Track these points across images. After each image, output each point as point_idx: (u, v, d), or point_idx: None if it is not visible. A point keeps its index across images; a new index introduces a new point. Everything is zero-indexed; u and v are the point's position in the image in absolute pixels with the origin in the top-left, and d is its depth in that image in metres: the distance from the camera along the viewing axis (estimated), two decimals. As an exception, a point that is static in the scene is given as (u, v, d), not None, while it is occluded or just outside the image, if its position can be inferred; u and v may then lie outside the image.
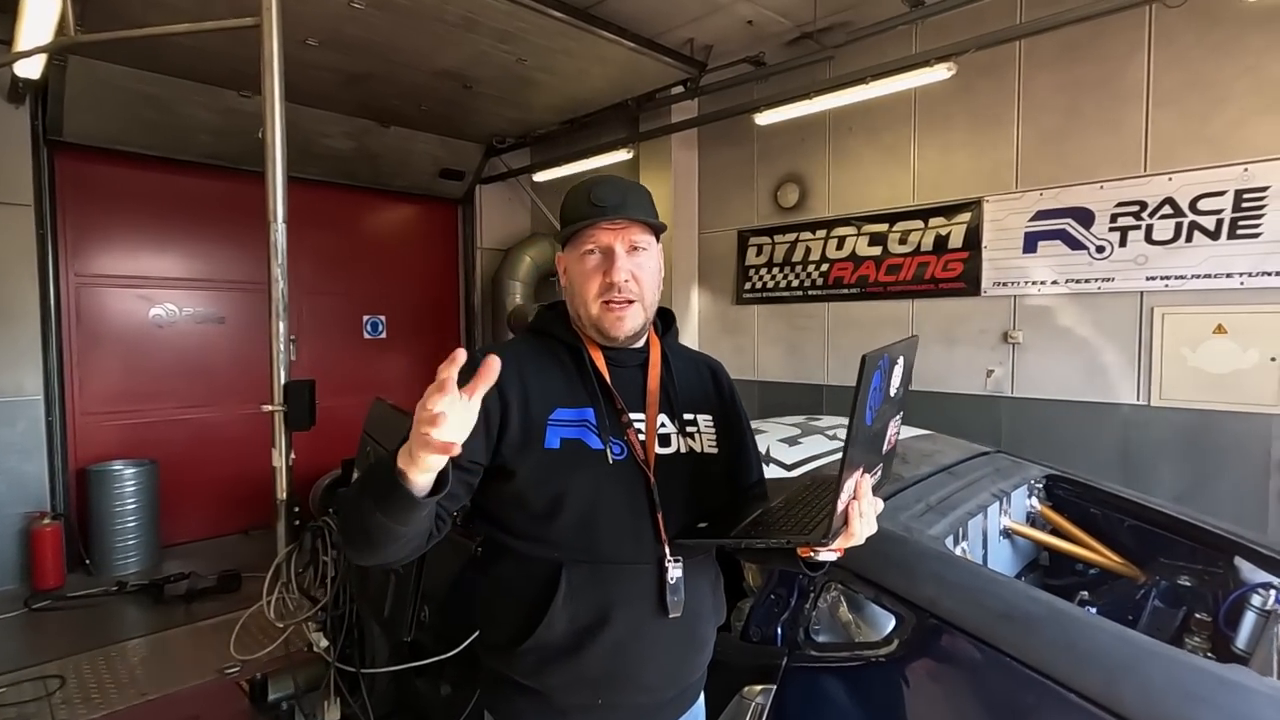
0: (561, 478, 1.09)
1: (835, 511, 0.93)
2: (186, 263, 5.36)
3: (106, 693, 3.23)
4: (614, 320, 1.14)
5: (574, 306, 1.19)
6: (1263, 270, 3.29)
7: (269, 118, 2.00)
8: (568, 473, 1.09)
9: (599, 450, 1.11)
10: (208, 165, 5.28)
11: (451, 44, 4.07)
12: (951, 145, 4.29)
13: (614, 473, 1.11)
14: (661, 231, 1.19)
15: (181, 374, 5.34)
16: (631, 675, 1.11)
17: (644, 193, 1.19)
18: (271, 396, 1.95)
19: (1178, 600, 2.05)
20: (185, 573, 4.41)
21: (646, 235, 1.16)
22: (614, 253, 1.12)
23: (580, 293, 1.16)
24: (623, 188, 1.16)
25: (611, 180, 1.17)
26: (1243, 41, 3.30)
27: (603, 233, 1.13)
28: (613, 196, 1.13)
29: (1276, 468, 3.28)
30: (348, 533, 1.01)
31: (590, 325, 1.17)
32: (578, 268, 1.16)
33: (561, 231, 1.18)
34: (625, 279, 1.12)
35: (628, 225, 1.13)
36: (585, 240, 1.14)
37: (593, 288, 1.14)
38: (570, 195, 1.19)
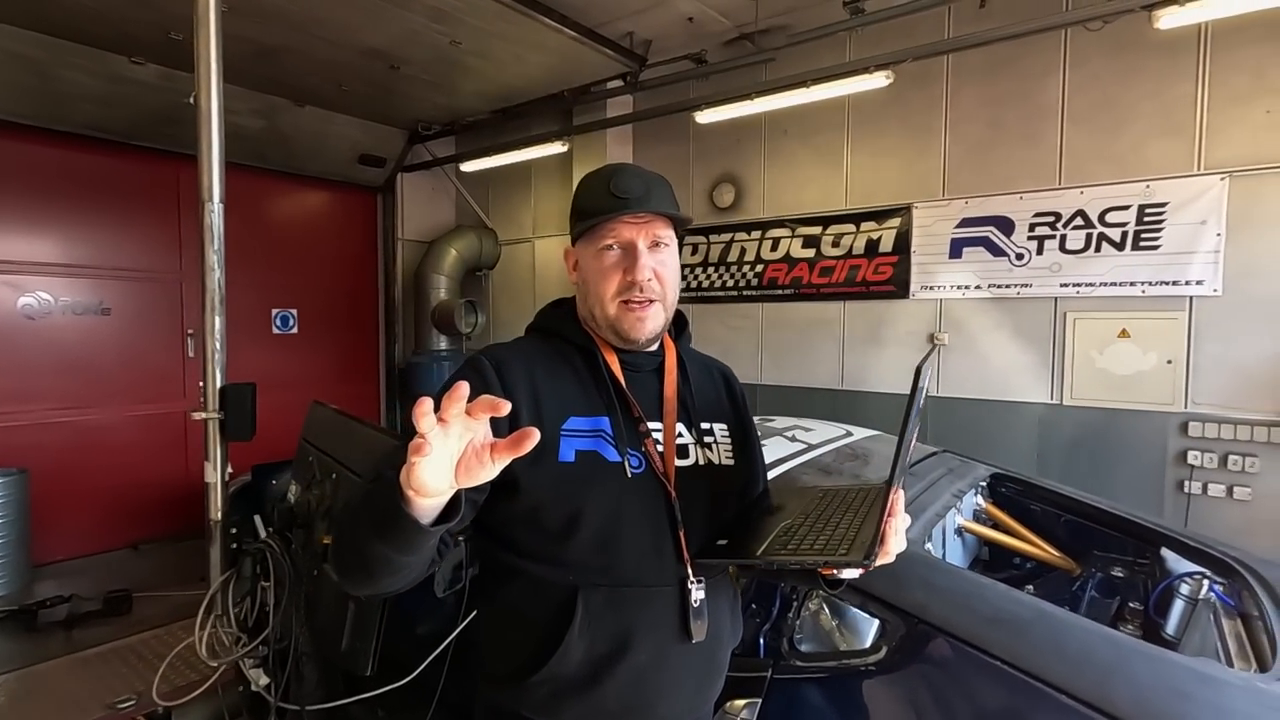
0: (578, 494, 0.99)
1: (880, 530, 0.88)
2: (64, 247, 4.77)
3: (-31, 740, 2.80)
4: (634, 321, 1.05)
5: (588, 305, 1.09)
6: (1161, 280, 3.57)
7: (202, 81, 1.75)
8: (584, 488, 0.99)
9: (616, 463, 1.02)
10: (90, 138, 4.72)
11: (381, 20, 3.80)
12: (883, 152, 4.42)
13: (633, 487, 1.02)
14: (685, 226, 1.10)
15: (57, 371, 4.75)
16: (651, 706, 1.03)
17: (666, 184, 1.10)
18: (205, 402, 1.71)
19: (1112, 590, 2.16)
20: (64, 595, 3.90)
21: (669, 230, 1.07)
22: (636, 249, 1.03)
23: (596, 291, 1.06)
24: (646, 178, 1.06)
25: (632, 169, 1.07)
26: (1146, 66, 3.57)
27: (625, 227, 1.03)
28: (636, 187, 1.04)
29: (1172, 462, 3.58)
30: (342, 562, 0.89)
31: (606, 326, 1.07)
32: (595, 264, 1.05)
33: (576, 224, 1.07)
34: (648, 277, 1.03)
35: (651, 219, 1.04)
36: (604, 234, 1.04)
37: (611, 286, 1.04)
38: (587, 184, 1.09)
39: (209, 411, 1.68)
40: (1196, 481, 3.51)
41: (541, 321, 1.18)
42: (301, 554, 1.58)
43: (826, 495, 1.15)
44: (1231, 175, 3.39)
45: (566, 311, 1.16)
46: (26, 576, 4.37)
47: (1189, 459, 3.51)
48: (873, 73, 3.76)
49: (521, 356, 1.07)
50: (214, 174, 1.77)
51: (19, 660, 3.48)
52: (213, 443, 1.70)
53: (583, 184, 1.10)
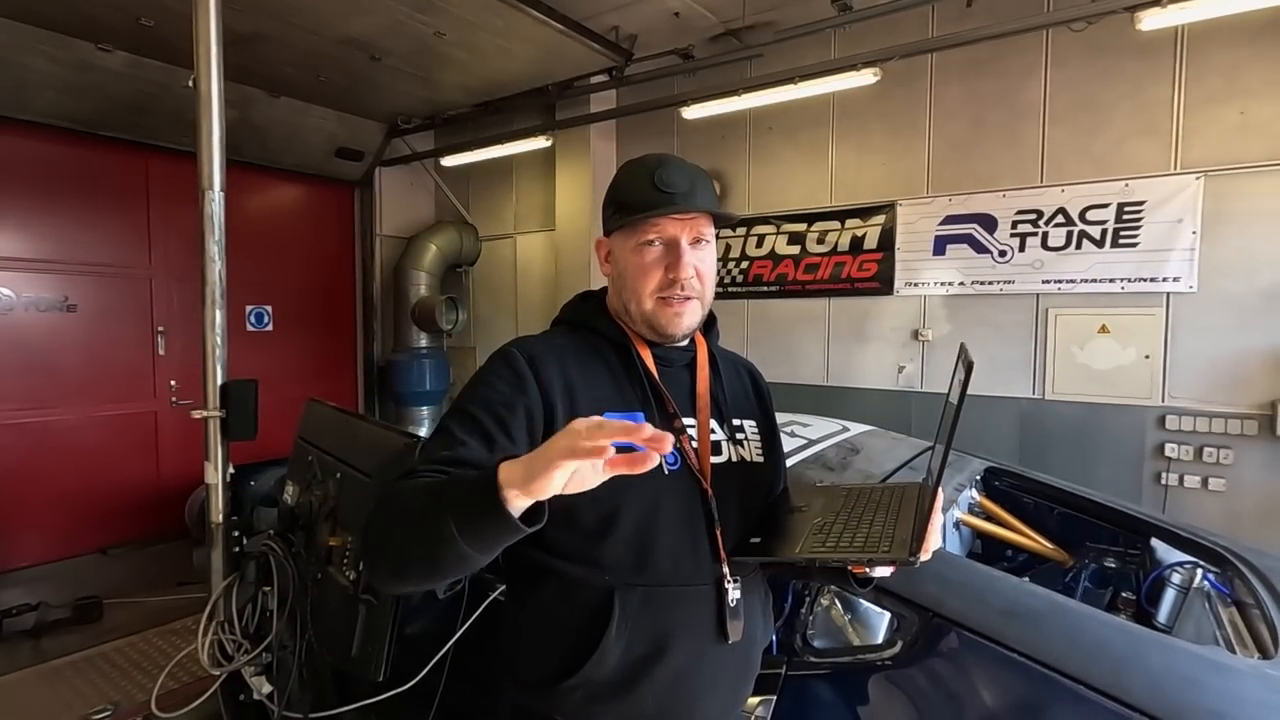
0: (615, 490, 0.96)
1: (929, 527, 0.87)
2: (25, 240, 4.57)
3: (-67, 756, 2.68)
4: (672, 317, 1.03)
5: (623, 299, 1.07)
6: (1139, 276, 3.65)
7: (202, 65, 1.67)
8: (622, 485, 0.96)
9: None
10: (54, 127, 4.53)
11: (362, 9, 3.71)
12: (868, 149, 4.46)
13: (670, 485, 1.00)
14: (728, 223, 1.08)
15: (20, 371, 4.56)
16: (688, 709, 1.01)
17: (708, 178, 1.08)
18: (205, 400, 1.64)
19: (1104, 581, 2.20)
20: (31, 603, 3.76)
21: (711, 227, 1.05)
22: (679, 246, 1.01)
23: (634, 286, 1.03)
24: (690, 172, 1.04)
25: (677, 162, 1.04)
26: (1124, 68, 3.64)
27: (669, 223, 1.01)
28: (681, 181, 1.01)
29: (1149, 454, 3.66)
30: (395, 559, 0.82)
31: (642, 321, 1.05)
32: (634, 259, 1.03)
33: (615, 215, 1.05)
34: (689, 275, 1.02)
35: (695, 215, 1.02)
36: (647, 229, 1.01)
37: (651, 282, 1.02)
38: (629, 174, 1.06)
39: (210, 409, 1.61)
40: (1173, 473, 3.60)
41: (571, 314, 1.15)
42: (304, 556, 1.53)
43: (851, 494, 1.14)
44: (1206, 174, 3.47)
45: (597, 304, 1.14)
46: (-11, 584, 4.21)
47: (1166, 451, 3.60)
48: (860, 70, 3.77)
49: (554, 350, 1.04)
50: (214, 160, 1.71)
51: (-16, 671, 3.34)
52: (214, 442, 1.64)
53: (624, 173, 1.07)
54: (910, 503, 1.01)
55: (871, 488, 1.15)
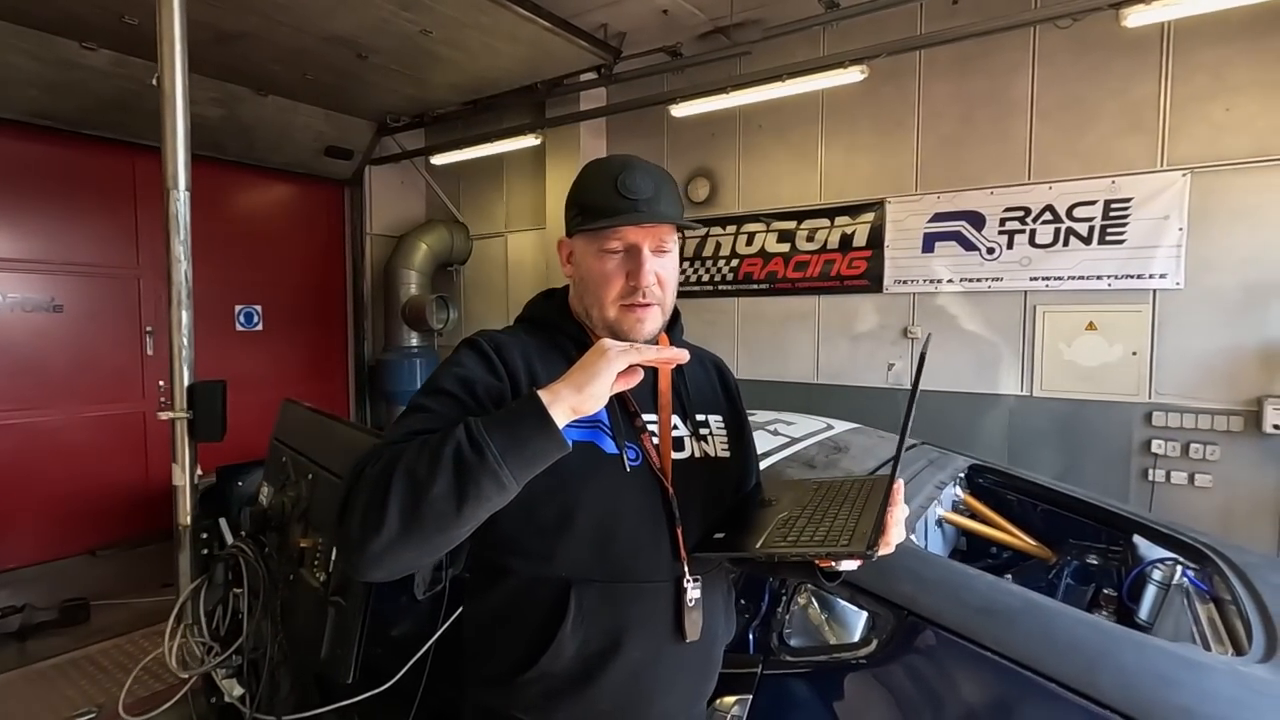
0: (574, 486, 0.96)
1: (886, 519, 0.87)
2: (10, 241, 4.54)
3: (-85, 760, 2.66)
4: (634, 323, 1.02)
5: (584, 304, 1.06)
6: (1126, 273, 3.65)
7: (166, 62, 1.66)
8: (581, 480, 0.97)
9: (614, 455, 1.00)
10: (36, 126, 4.50)
11: (348, 7, 3.69)
12: (856, 147, 4.45)
13: (631, 481, 1.00)
14: (688, 230, 1.08)
15: (7, 372, 4.54)
16: (645, 706, 1.01)
17: (673, 183, 1.07)
18: (172, 400, 1.62)
19: (1086, 578, 2.20)
20: (18, 605, 3.73)
21: (674, 234, 1.04)
22: (641, 254, 1.00)
23: (596, 292, 1.02)
24: (655, 178, 1.02)
25: (642, 167, 1.03)
26: (1111, 65, 3.64)
27: (631, 230, 1.00)
28: (645, 187, 0.99)
29: (1136, 450, 3.67)
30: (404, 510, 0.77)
31: (604, 327, 1.04)
32: (596, 265, 1.01)
33: (577, 219, 1.03)
34: (651, 282, 1.00)
35: (658, 224, 1.01)
36: (610, 236, 1.00)
37: (613, 290, 1.01)
38: (592, 177, 1.04)
39: (176, 411, 1.59)
40: (1160, 470, 3.61)
41: (533, 313, 1.14)
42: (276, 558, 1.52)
43: (821, 487, 1.14)
44: (1193, 171, 3.48)
45: (559, 303, 1.13)
46: (-25, 586, 4.19)
47: (1153, 448, 3.61)
48: (847, 67, 3.77)
49: (518, 343, 1.04)
50: (179, 159, 1.68)
51: (-31, 674, 3.32)
52: (181, 444, 1.62)
53: (587, 175, 1.05)
54: (876, 496, 1.01)
55: (842, 480, 1.14)
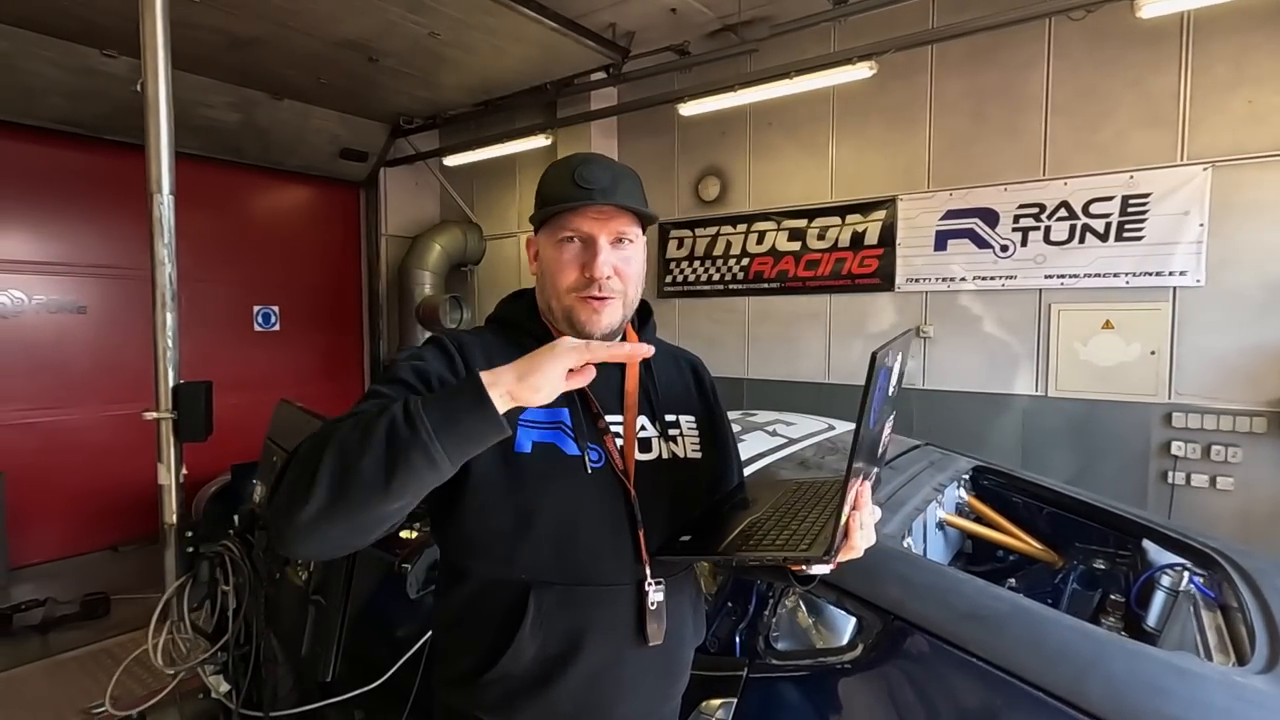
0: (534, 488, 0.96)
1: (839, 525, 0.84)
2: (37, 244, 4.67)
3: (-62, 747, 2.75)
4: (590, 314, 1.01)
5: (545, 297, 1.06)
6: (1144, 270, 3.56)
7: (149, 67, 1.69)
8: (541, 482, 0.96)
9: (575, 456, 0.99)
10: (61, 132, 4.62)
11: (356, 10, 3.73)
12: (868, 144, 4.40)
13: (592, 483, 0.99)
14: (651, 223, 1.06)
15: (33, 371, 4.67)
16: (607, 708, 1.00)
17: (635, 178, 1.06)
18: (157, 401, 1.65)
19: (1093, 583, 2.15)
20: (40, 599, 3.84)
21: (634, 226, 1.03)
22: (596, 244, 0.99)
23: (553, 283, 1.02)
24: (613, 170, 1.02)
25: (599, 160, 1.03)
26: (1128, 57, 3.55)
27: (586, 220, 0.99)
28: (601, 178, 0.99)
29: (1155, 452, 3.58)
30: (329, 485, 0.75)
31: (563, 317, 1.03)
32: (553, 255, 1.01)
33: (537, 211, 1.03)
34: (607, 274, 0.99)
35: (615, 213, 1.00)
36: (564, 225, 1.00)
37: (567, 279, 1.00)
38: (551, 172, 1.04)
39: (161, 411, 1.62)
40: (1180, 472, 3.52)
41: (501, 312, 1.14)
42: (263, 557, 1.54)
43: (800, 488, 1.12)
44: (1214, 165, 3.38)
45: (526, 303, 1.12)
46: (3, 579, 4.31)
47: (1173, 450, 3.51)
48: (856, 64, 3.72)
49: (482, 344, 1.04)
50: (163, 164, 1.71)
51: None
52: (166, 444, 1.65)
53: (549, 170, 1.06)
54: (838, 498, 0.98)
55: (820, 481, 1.12)
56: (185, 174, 5.16)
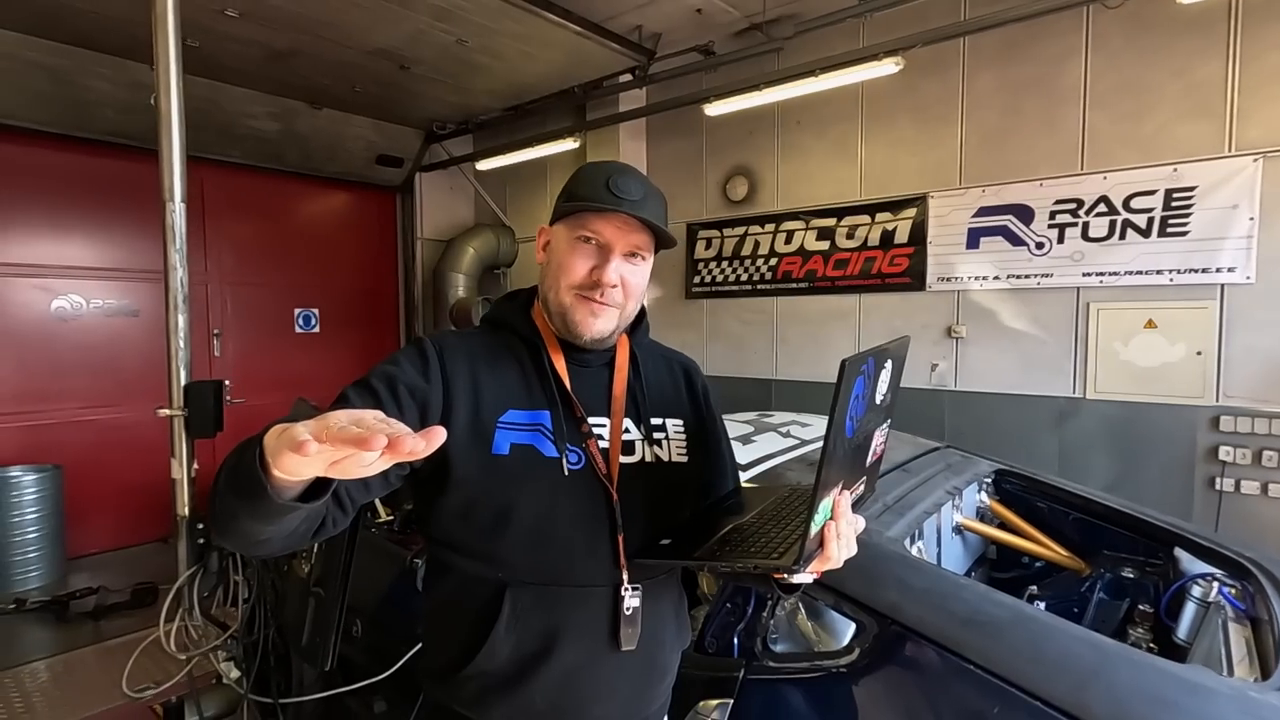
0: (510, 488, 0.97)
1: (808, 536, 0.83)
2: (94, 250, 4.93)
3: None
4: (584, 315, 1.02)
5: (545, 287, 1.07)
6: (1189, 267, 3.41)
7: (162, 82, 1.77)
8: (517, 482, 0.97)
9: (553, 458, 0.99)
10: (113, 144, 4.86)
11: (385, 20, 3.84)
12: (897, 141, 4.31)
13: (569, 484, 0.99)
14: (667, 246, 1.07)
15: (88, 371, 4.92)
16: (581, 709, 1.00)
17: (663, 201, 1.07)
18: (170, 399, 1.73)
19: (1121, 592, 2.07)
20: (93, 587, 4.05)
21: (650, 245, 1.04)
22: (612, 251, 1.00)
23: (557, 275, 1.03)
24: (645, 187, 1.03)
25: (635, 173, 1.04)
26: (1172, 46, 3.40)
27: (608, 226, 1.00)
28: (633, 190, 1.00)
29: (1202, 458, 3.42)
30: (215, 519, 0.79)
31: (557, 313, 1.04)
32: (566, 249, 1.02)
33: (562, 203, 1.04)
34: (614, 282, 1.01)
35: (637, 227, 1.01)
36: (586, 226, 1.00)
37: (574, 276, 1.01)
38: (585, 172, 1.05)
39: (174, 409, 1.70)
40: (1229, 478, 3.35)
41: (493, 312, 1.15)
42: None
43: (792, 495, 1.11)
44: (1265, 156, 3.21)
45: (519, 304, 1.13)
46: (61, 569, 4.55)
47: (1220, 455, 3.35)
48: (881, 60, 3.66)
49: (466, 345, 1.05)
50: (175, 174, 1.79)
51: (50, 648, 3.63)
52: (178, 439, 1.73)
53: (584, 170, 1.06)
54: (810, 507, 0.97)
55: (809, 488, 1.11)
56: (230, 182, 5.44)
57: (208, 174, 5.30)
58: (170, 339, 1.66)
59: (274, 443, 0.64)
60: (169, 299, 1.67)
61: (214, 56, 4.30)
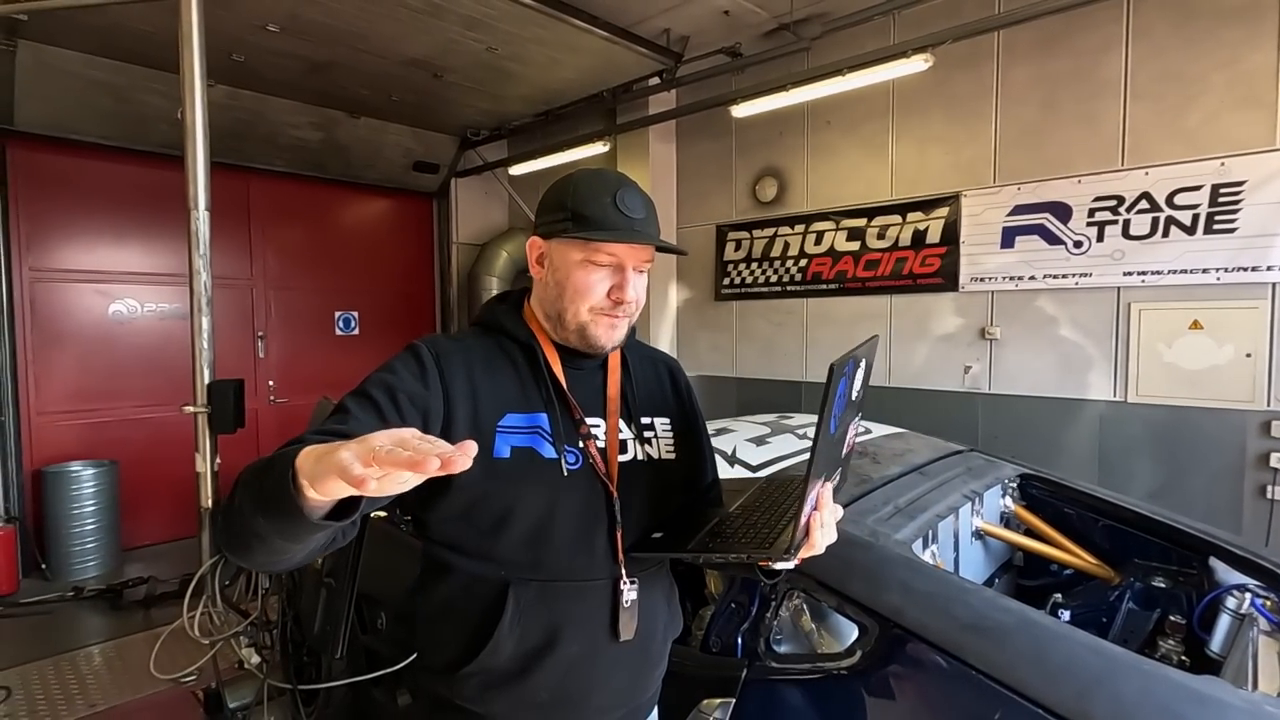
0: (511, 490, 1.00)
1: (799, 525, 0.86)
2: (148, 257, 5.18)
3: (54, 704, 3.10)
4: (607, 328, 1.05)
5: (557, 307, 1.06)
6: (1238, 265, 3.26)
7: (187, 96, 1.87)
8: (518, 484, 1.00)
9: (552, 460, 1.02)
10: (168, 156, 5.09)
11: (418, 31, 3.94)
12: (929, 139, 4.23)
13: (569, 484, 1.02)
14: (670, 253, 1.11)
15: (142, 371, 5.18)
16: (581, 698, 1.04)
17: (654, 207, 1.11)
18: (194, 397, 1.82)
19: (1151, 602, 2.00)
20: (144, 577, 4.26)
21: (653, 256, 1.08)
22: (626, 272, 1.04)
23: (574, 298, 1.04)
24: (643, 199, 1.07)
25: (634, 186, 1.07)
26: (1219, 35, 3.27)
27: (623, 248, 1.03)
28: (639, 209, 1.04)
29: (1251, 465, 3.26)
30: (224, 530, 0.79)
31: (574, 331, 1.06)
32: (580, 273, 1.03)
33: (567, 223, 1.02)
34: (632, 298, 1.05)
35: (646, 244, 1.05)
36: (600, 249, 1.02)
37: (593, 299, 1.04)
38: (589, 188, 1.03)
39: (198, 406, 1.79)
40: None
41: (485, 316, 1.17)
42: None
43: (768, 487, 1.13)
44: (1320, 148, 3.06)
45: (511, 306, 1.15)
46: (117, 559, 4.79)
47: (1272, 462, 3.19)
48: (910, 57, 3.60)
49: (462, 351, 1.06)
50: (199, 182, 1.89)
51: (104, 634, 3.83)
52: (202, 435, 1.82)
53: (582, 184, 1.04)
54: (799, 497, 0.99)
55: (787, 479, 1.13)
56: (275, 190, 5.65)
57: (255, 182, 5.52)
58: (195, 339, 1.75)
59: (314, 467, 0.64)
60: (193, 301, 1.76)
61: (258, 70, 4.49)
